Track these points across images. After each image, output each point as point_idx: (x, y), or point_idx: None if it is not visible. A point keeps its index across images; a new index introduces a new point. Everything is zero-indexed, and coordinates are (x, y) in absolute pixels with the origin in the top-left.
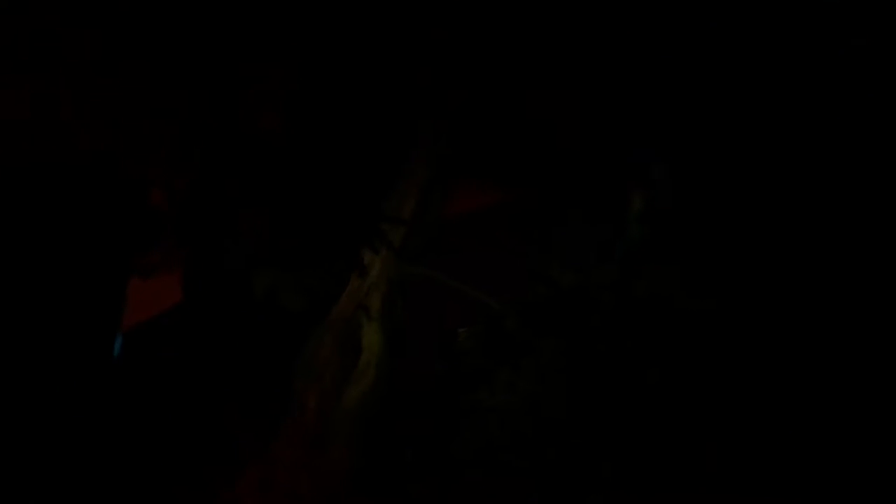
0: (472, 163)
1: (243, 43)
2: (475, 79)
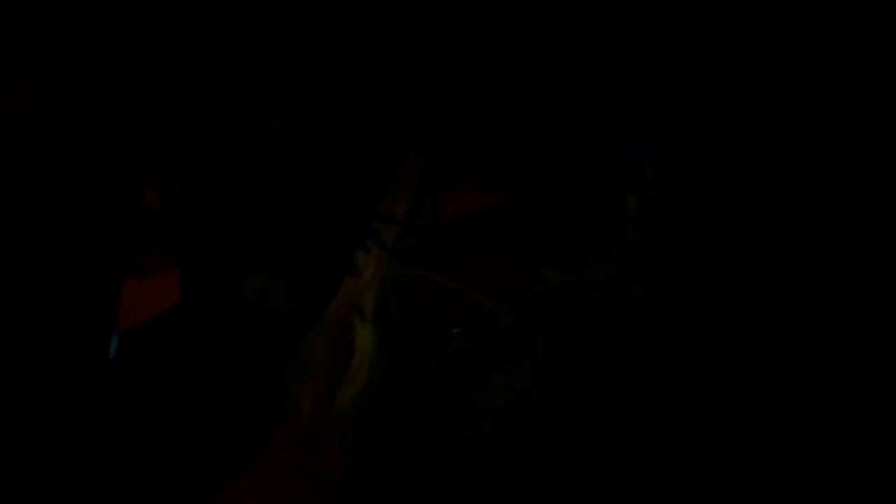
0: (469, 163)
1: (243, 43)
2: (475, 79)
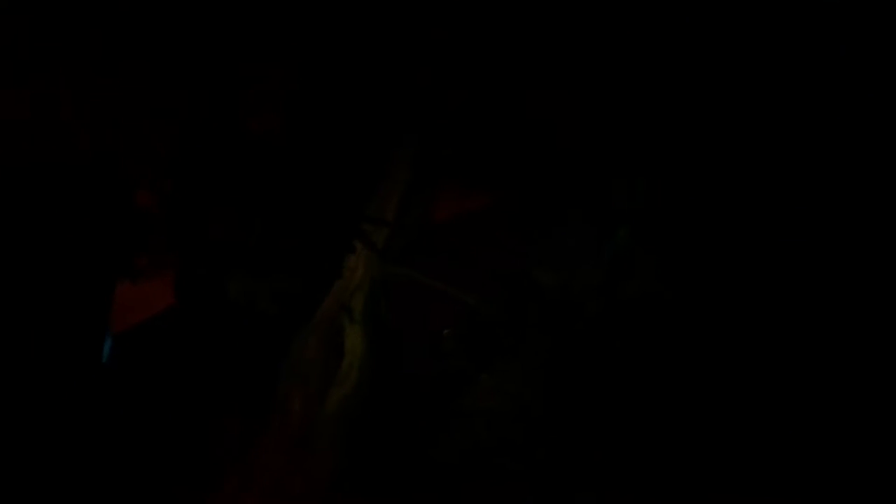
0: (464, 164)
1: (242, 43)
2: (475, 79)
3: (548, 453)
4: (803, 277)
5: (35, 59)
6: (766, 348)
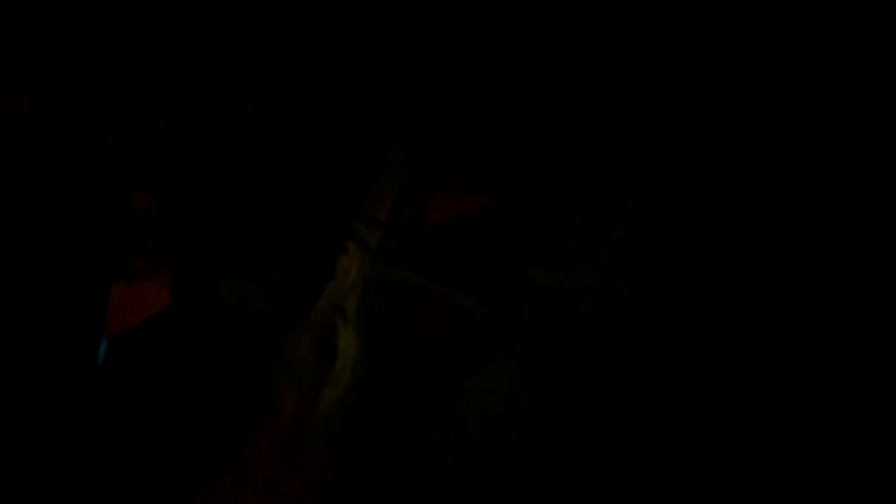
0: (461, 165)
1: (242, 43)
2: (475, 79)
3: (543, 453)
4: (802, 276)
5: (35, 59)
6: (764, 348)
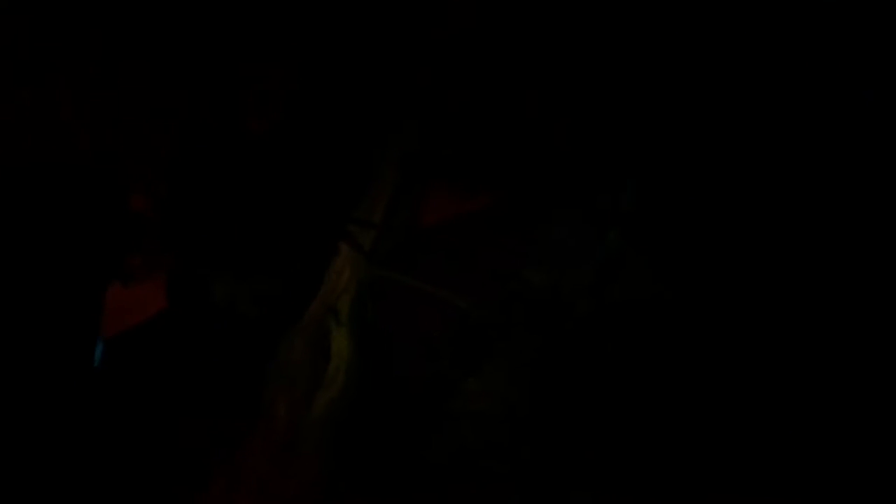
0: (463, 166)
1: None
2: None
3: (537, 454)
4: (801, 275)
5: (34, 59)
6: (762, 348)
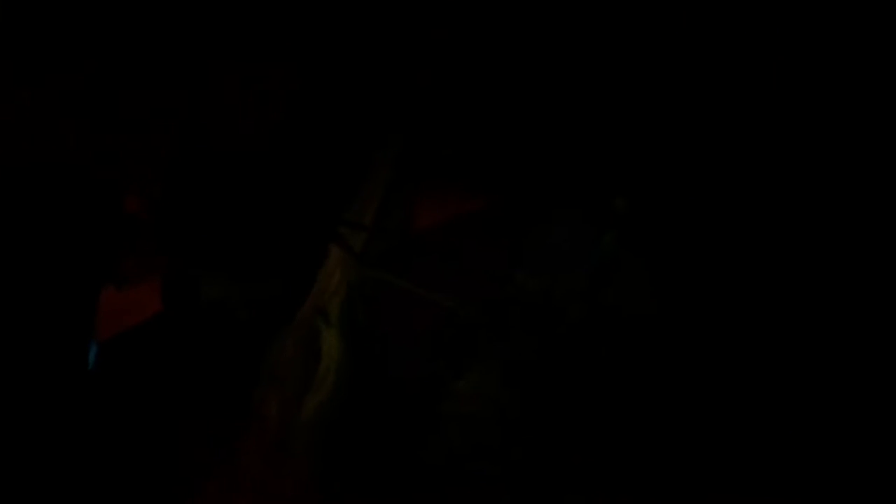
0: (462, 168)
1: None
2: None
3: (528, 457)
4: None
5: (35, 60)
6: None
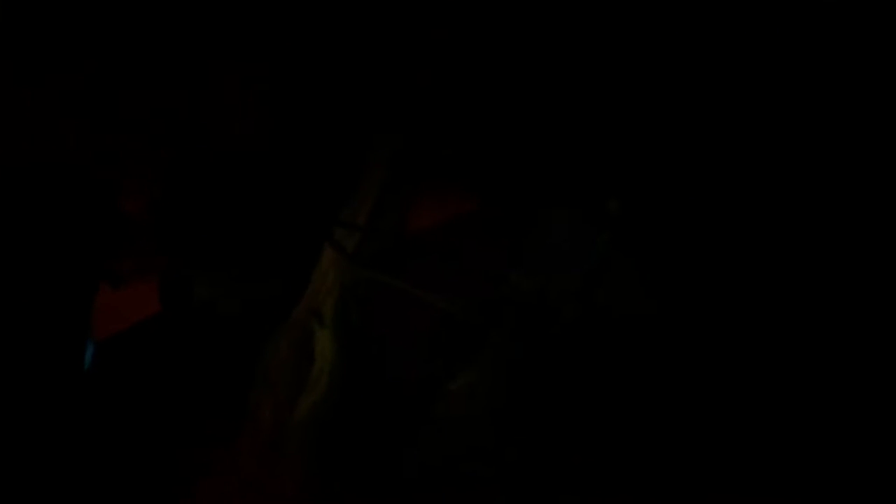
0: (460, 168)
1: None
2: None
3: (520, 458)
4: (793, 275)
5: (35, 60)
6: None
